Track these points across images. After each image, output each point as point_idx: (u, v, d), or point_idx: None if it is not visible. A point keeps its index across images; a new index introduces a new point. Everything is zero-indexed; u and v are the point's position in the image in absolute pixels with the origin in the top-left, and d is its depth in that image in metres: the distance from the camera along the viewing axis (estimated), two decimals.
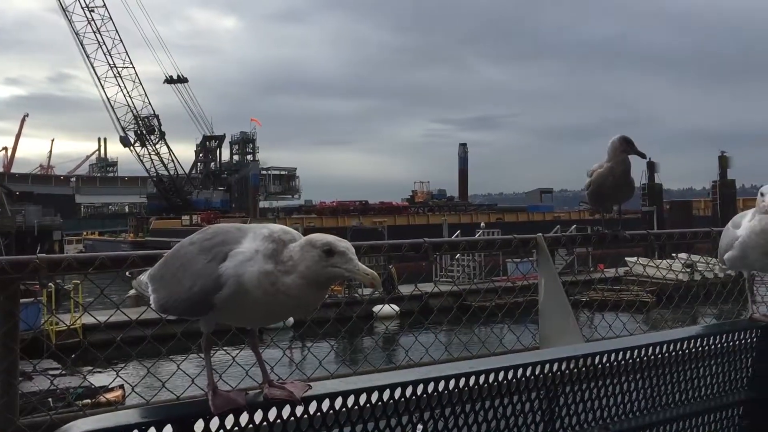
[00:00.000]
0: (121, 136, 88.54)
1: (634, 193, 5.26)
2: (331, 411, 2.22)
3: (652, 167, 59.34)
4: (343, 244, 2.12)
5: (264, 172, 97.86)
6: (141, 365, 5.10)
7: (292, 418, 2.16)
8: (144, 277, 2.34)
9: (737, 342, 3.37)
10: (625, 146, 4.74)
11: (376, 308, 23.38)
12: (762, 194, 3.34)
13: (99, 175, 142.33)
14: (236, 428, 2.08)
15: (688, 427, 3.22)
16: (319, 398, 2.20)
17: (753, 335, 3.42)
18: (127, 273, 2.60)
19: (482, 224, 55.19)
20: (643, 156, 4.81)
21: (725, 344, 3.32)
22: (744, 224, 3.44)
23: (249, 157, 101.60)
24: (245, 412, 2.10)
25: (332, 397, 2.22)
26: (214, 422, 2.06)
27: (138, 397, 4.41)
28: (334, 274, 2.10)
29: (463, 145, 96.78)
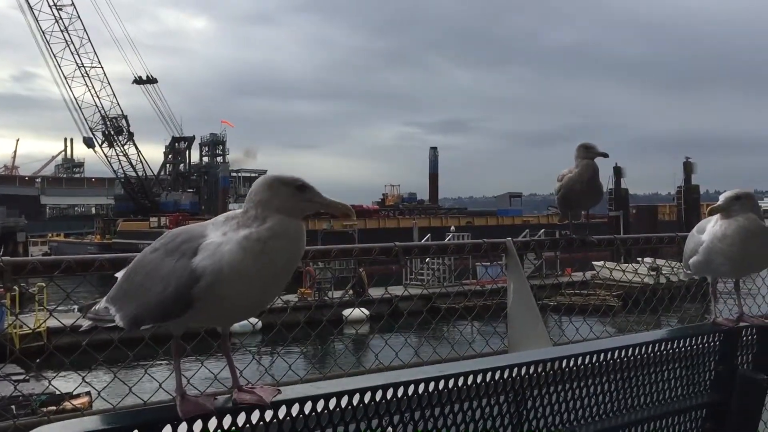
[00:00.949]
0: (84, 137, 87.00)
1: (602, 198, 5.33)
2: (301, 415, 2.22)
3: (618, 172, 60.16)
4: (307, 180, 2.19)
5: (234, 174, 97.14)
6: (108, 370, 5.02)
7: (261, 423, 2.15)
8: (101, 304, 2.28)
9: (701, 345, 3.43)
10: (586, 152, 4.82)
11: (346, 312, 23.32)
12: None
13: (65, 176, 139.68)
14: None
15: (653, 430, 3.27)
16: (289, 403, 2.20)
17: (716, 339, 3.48)
18: (75, 309, 2.54)
19: (452, 228, 55.46)
20: (605, 155, 4.89)
21: (689, 348, 3.38)
22: (708, 229, 3.50)
23: (219, 159, 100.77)
24: (214, 417, 2.08)
25: (302, 401, 2.22)
26: (182, 428, 2.04)
27: (104, 402, 4.35)
28: (310, 208, 2.16)
29: (434, 149, 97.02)
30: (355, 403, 2.33)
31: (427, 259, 36.29)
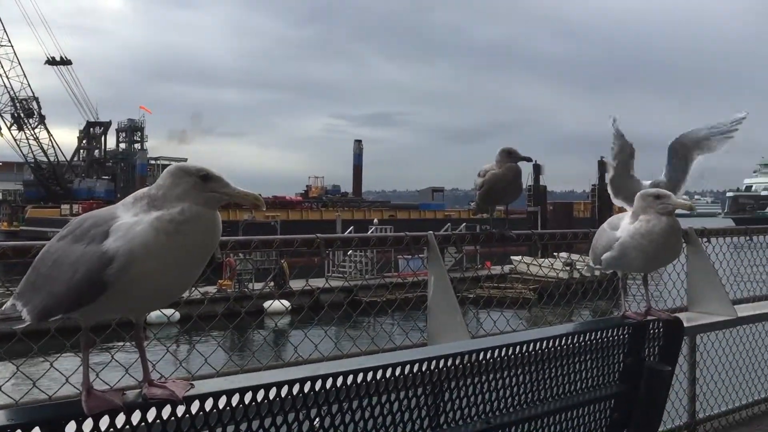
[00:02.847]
0: None
1: (521, 194, 5.44)
2: (215, 410, 2.16)
3: (537, 169, 61.75)
4: (216, 169, 2.13)
5: (153, 161, 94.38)
6: (10, 363, 4.78)
7: (173, 419, 2.09)
8: (9, 302, 2.17)
9: (610, 338, 3.55)
10: (509, 157, 4.90)
11: (267, 303, 23.04)
12: (658, 197, 3.50)
13: None
14: (111, 430, 1.99)
15: (565, 420, 3.37)
16: (202, 397, 2.14)
17: (624, 332, 3.61)
18: None
19: (375, 221, 55.64)
20: (528, 160, 4.98)
21: (600, 340, 3.49)
22: (623, 226, 3.60)
23: (137, 145, 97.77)
24: (122, 413, 2.00)
25: (216, 396, 2.16)
26: (87, 424, 1.96)
27: (5, 397, 4.13)
28: (215, 198, 2.10)
29: (359, 142, 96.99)
30: (271, 397, 2.29)
31: (350, 252, 36.30)
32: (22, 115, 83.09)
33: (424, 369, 2.74)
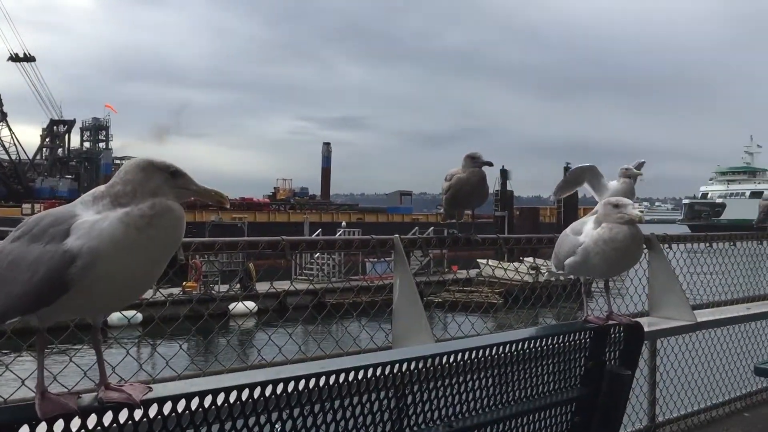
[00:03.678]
0: None
1: (488, 199, 5.49)
2: (174, 414, 2.13)
3: (504, 175, 62.38)
4: (180, 165, 2.15)
5: (118, 161, 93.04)
6: None
7: (130, 423, 2.05)
8: None
9: (572, 342, 3.58)
10: (472, 162, 4.94)
11: (232, 305, 22.80)
12: (617, 206, 3.56)
13: None
14: None
15: (527, 423, 3.39)
16: (161, 401, 2.10)
17: (586, 336, 3.65)
18: None
19: (343, 224, 55.57)
20: (489, 164, 5.03)
21: (562, 344, 3.52)
22: (586, 231, 3.65)
23: (102, 144, 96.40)
24: (77, 417, 1.96)
25: (175, 399, 2.13)
26: (42, 428, 1.91)
27: None
28: (183, 194, 2.12)
29: (327, 144, 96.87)
30: (232, 401, 2.26)
31: (317, 255, 36.16)
32: None
33: (387, 372, 2.74)
